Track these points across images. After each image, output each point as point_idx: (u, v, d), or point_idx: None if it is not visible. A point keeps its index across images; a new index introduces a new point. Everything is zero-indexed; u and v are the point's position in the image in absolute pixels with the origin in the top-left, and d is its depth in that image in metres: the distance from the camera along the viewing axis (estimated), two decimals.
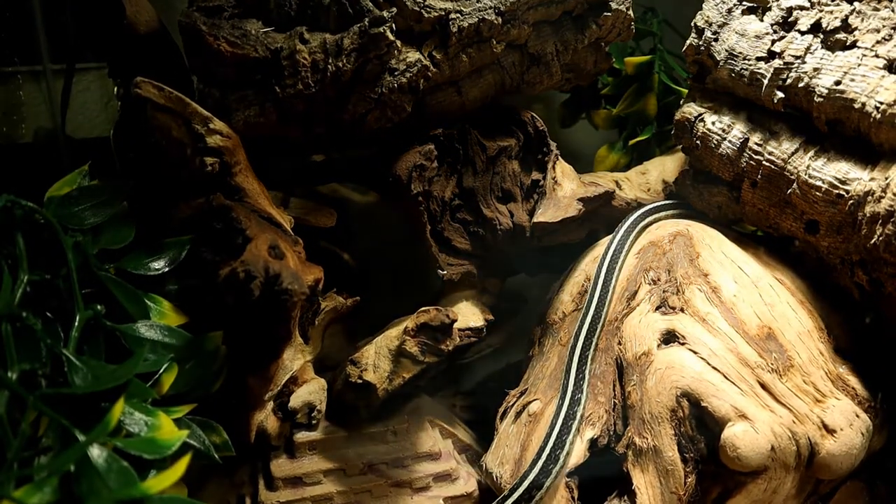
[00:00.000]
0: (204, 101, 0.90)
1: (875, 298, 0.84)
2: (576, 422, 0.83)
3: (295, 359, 0.90)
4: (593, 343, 0.89)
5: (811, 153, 0.84)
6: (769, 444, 0.75)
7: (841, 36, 0.82)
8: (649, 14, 1.29)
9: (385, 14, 0.87)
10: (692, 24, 0.99)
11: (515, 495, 0.79)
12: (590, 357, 0.88)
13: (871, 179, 0.77)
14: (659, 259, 0.92)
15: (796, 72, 0.84)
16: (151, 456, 0.61)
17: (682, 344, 0.82)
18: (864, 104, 0.77)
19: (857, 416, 0.80)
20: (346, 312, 0.96)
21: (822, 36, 0.83)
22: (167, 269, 0.79)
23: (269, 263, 0.76)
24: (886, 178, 0.75)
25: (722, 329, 0.83)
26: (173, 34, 0.95)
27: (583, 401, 0.84)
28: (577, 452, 0.83)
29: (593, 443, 0.83)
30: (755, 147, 0.89)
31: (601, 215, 1.07)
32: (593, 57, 1.05)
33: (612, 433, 0.83)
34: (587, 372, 0.87)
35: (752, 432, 0.75)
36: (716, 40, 0.95)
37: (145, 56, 0.92)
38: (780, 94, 0.86)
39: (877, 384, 0.84)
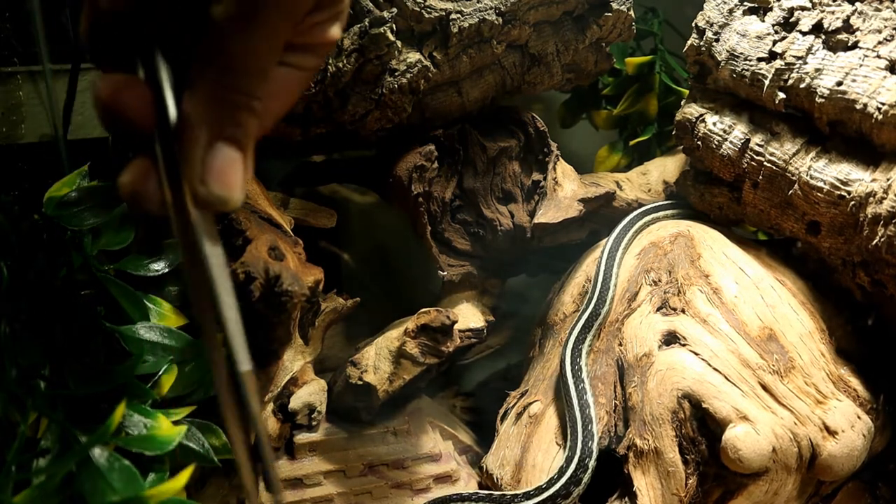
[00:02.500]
0: None
1: (877, 300, 0.84)
2: (594, 425, 0.82)
3: (295, 360, 0.90)
4: (586, 340, 0.89)
5: (812, 154, 0.84)
6: (770, 446, 0.75)
7: (842, 37, 0.81)
8: (650, 14, 1.28)
9: (385, 14, 0.87)
10: (693, 24, 0.99)
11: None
12: (584, 351, 0.88)
13: (873, 180, 0.77)
14: (660, 260, 0.92)
15: (798, 72, 0.84)
16: (151, 452, 0.61)
17: (684, 345, 0.82)
18: (865, 105, 0.77)
19: (859, 417, 0.80)
20: (347, 313, 0.96)
21: (823, 36, 0.83)
22: (167, 271, 0.79)
23: (269, 264, 0.76)
24: (888, 180, 0.75)
25: (723, 330, 0.83)
26: None
27: (591, 403, 0.84)
28: None
29: None
30: (756, 148, 0.89)
31: (602, 216, 1.07)
32: (594, 57, 1.05)
33: (613, 434, 0.83)
34: (585, 377, 0.86)
35: (753, 434, 0.75)
36: (717, 41, 0.95)
37: None
38: (782, 95, 0.86)
39: (878, 386, 0.84)
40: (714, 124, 0.94)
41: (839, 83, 0.79)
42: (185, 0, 0.44)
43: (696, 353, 0.81)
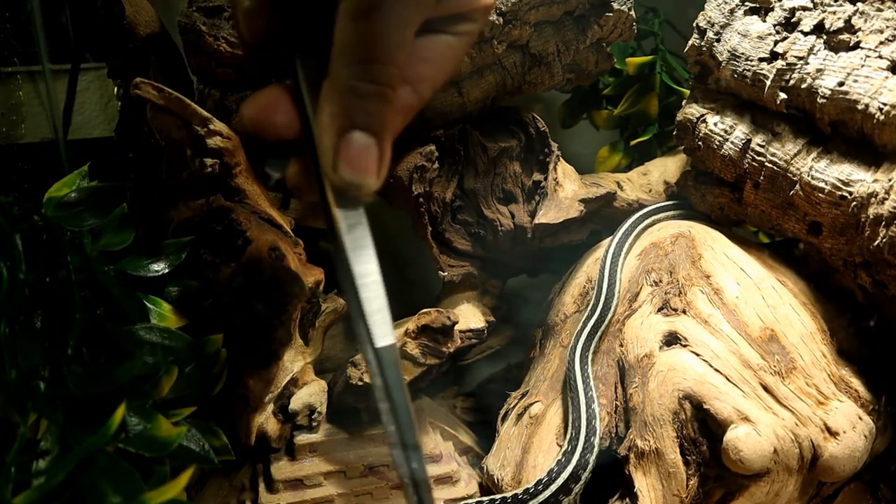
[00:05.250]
0: (204, 101, 0.90)
1: (878, 300, 0.84)
2: (597, 422, 0.82)
3: (295, 360, 0.89)
4: (591, 346, 0.89)
5: (814, 154, 0.83)
6: (772, 447, 0.75)
7: (844, 37, 0.81)
8: (651, 14, 1.28)
9: None
10: (694, 24, 0.99)
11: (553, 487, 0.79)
12: (589, 357, 0.88)
13: (875, 181, 0.77)
14: (661, 260, 0.92)
15: (799, 73, 0.84)
16: (151, 454, 0.61)
17: (684, 346, 0.82)
18: (867, 105, 0.77)
19: (860, 418, 0.79)
20: (347, 314, 0.96)
21: (825, 37, 0.83)
22: (167, 271, 0.79)
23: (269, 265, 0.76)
24: (890, 180, 0.75)
25: (724, 331, 0.82)
26: (173, 34, 0.95)
27: (595, 400, 0.84)
28: None
29: None
30: (757, 148, 0.89)
31: (603, 216, 1.07)
32: (595, 57, 1.05)
33: (613, 435, 0.83)
34: (590, 375, 0.86)
35: (754, 435, 0.75)
36: (718, 41, 0.95)
37: (145, 56, 0.92)
38: (783, 95, 0.86)
39: (880, 386, 0.84)
40: (715, 125, 0.94)
41: (841, 83, 0.79)
42: (321, 4, 0.46)
43: (697, 354, 0.81)
